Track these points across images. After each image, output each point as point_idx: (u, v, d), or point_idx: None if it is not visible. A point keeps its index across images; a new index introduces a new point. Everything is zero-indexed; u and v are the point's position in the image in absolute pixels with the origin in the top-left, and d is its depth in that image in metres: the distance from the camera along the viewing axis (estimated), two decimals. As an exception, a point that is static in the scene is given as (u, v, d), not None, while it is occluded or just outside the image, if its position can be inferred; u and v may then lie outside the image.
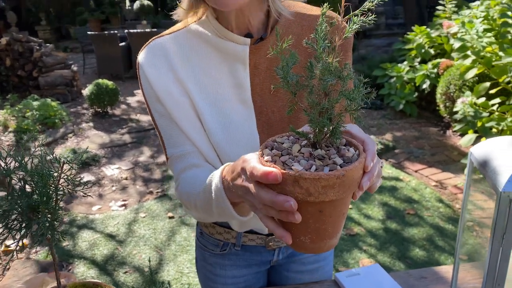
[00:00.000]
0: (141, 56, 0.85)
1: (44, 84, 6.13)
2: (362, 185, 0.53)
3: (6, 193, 0.65)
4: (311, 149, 0.55)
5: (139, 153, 4.30)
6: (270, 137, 0.61)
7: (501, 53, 3.41)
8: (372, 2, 0.59)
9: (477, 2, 4.47)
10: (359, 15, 0.58)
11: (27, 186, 0.63)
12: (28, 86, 6.53)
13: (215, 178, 0.69)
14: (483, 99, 3.53)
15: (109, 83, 5.30)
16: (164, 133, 0.86)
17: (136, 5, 8.03)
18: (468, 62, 3.68)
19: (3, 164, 0.65)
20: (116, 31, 7.57)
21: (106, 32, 7.53)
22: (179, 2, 0.83)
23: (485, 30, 3.76)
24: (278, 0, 0.81)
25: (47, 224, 0.65)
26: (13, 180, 0.66)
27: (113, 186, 3.59)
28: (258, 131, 0.85)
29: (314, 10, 0.88)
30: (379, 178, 0.60)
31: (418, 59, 5.00)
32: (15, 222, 0.65)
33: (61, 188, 0.69)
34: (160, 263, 2.53)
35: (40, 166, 0.66)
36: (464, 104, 3.55)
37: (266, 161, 0.53)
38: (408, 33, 5.30)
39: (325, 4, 0.59)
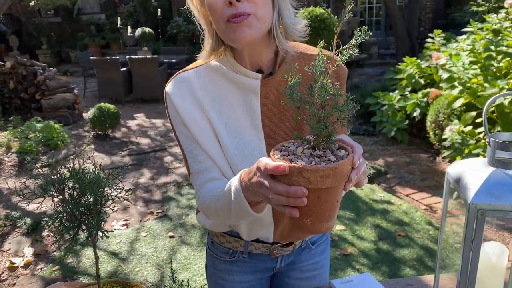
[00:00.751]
0: (168, 87, 1.01)
1: (47, 107, 6.28)
2: (351, 178, 0.69)
3: (61, 199, 0.78)
4: (311, 150, 0.72)
5: (139, 174, 4.42)
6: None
7: (486, 84, 3.63)
8: (357, 40, 0.77)
9: (464, 36, 4.72)
10: (347, 49, 0.76)
11: (74, 193, 0.75)
12: (30, 108, 6.67)
13: (234, 181, 0.84)
14: (470, 127, 3.73)
15: (111, 106, 5.46)
16: (187, 151, 1.01)
17: (138, 32, 8.29)
18: (455, 92, 3.89)
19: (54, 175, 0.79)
20: (118, 57, 7.78)
21: (108, 57, 7.74)
22: (202, 46, 1.00)
23: (471, 63, 3.99)
24: (284, 41, 0.97)
25: (95, 224, 0.78)
26: (66, 188, 0.79)
27: (114, 206, 3.70)
28: (267, 150, 1.00)
29: (313, 50, 1.05)
30: (365, 176, 0.77)
31: (409, 89, 5.22)
32: (67, 223, 0.77)
33: (106, 194, 0.83)
34: (161, 280, 2.63)
35: (90, 177, 0.79)
36: (452, 132, 3.74)
37: (277, 159, 0.69)
38: (399, 63, 5.55)
39: (321, 41, 0.77)
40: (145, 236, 3.17)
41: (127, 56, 7.59)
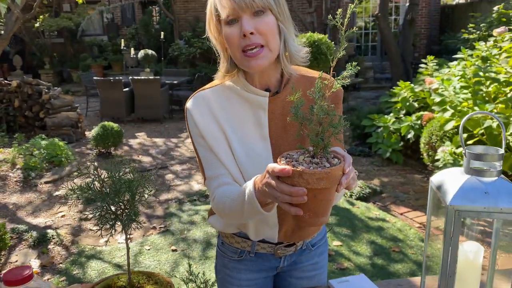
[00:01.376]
0: (189, 104, 1.17)
1: (51, 125, 6.43)
2: (342, 181, 0.85)
3: (101, 195, 0.92)
4: (310, 158, 0.88)
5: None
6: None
7: (476, 108, 3.81)
8: (348, 72, 0.94)
9: (455, 62, 4.95)
10: (341, 79, 0.93)
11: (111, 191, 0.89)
12: (34, 126, 6.82)
13: (249, 185, 0.98)
14: (461, 149, 3.89)
15: (114, 125, 5.62)
16: (203, 159, 1.16)
17: (141, 53, 8.53)
18: (447, 115, 4.07)
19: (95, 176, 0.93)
20: (121, 77, 7.99)
21: (111, 78, 7.94)
22: (218, 68, 1.17)
23: (462, 87, 4.19)
24: (289, 65, 1.14)
25: (131, 216, 0.92)
26: (104, 187, 0.93)
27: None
28: (273, 158, 1.15)
29: (313, 73, 1.21)
30: (354, 181, 0.92)
31: (403, 111, 5.42)
32: (107, 215, 0.91)
33: (139, 192, 0.97)
34: (165, 291, 2.73)
35: (127, 177, 0.93)
36: (444, 153, 3.91)
37: (282, 164, 0.85)
38: (394, 87, 5.77)
39: (321, 72, 0.94)
40: (149, 249, 3.27)
41: (130, 77, 7.80)
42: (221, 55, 1.15)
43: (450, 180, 1.12)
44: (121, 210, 0.91)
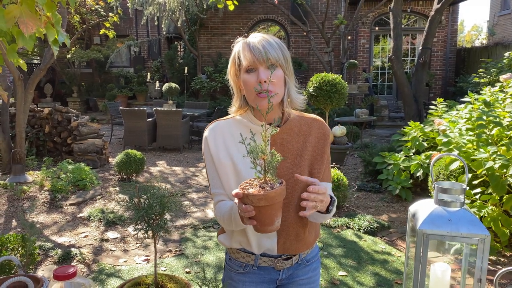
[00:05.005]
0: (207, 132, 1.46)
1: (77, 150, 6.82)
2: (302, 195, 1.18)
3: (137, 209, 1.17)
4: (261, 183, 1.15)
5: (159, 216, 4.79)
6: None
7: (481, 149, 3.99)
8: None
9: (463, 105, 5.16)
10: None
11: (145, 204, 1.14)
12: (61, 151, 7.23)
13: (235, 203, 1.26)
14: (466, 188, 4.05)
15: (137, 153, 5.96)
16: (210, 179, 1.45)
17: (165, 86, 9.00)
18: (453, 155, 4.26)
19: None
20: (145, 108, 8.43)
21: (136, 108, 8.38)
22: (232, 103, 1.46)
23: (467, 129, 4.39)
24: (289, 107, 1.42)
25: (161, 224, 1.17)
26: (141, 200, 1.18)
27: (136, 243, 4.06)
28: None
29: (308, 115, 1.50)
30: (322, 203, 1.23)
31: (413, 150, 5.61)
32: (141, 225, 1.16)
33: (168, 205, 1.23)
34: (178, 309, 2.93)
35: (158, 193, 1.19)
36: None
37: (240, 187, 1.14)
38: (405, 127, 5.99)
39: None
40: (164, 270, 3.49)
41: (154, 108, 8.23)
42: (235, 94, 1.46)
43: (421, 209, 1.35)
44: (152, 220, 1.15)
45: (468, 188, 4.12)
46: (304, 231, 1.48)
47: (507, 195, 3.68)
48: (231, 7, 5.83)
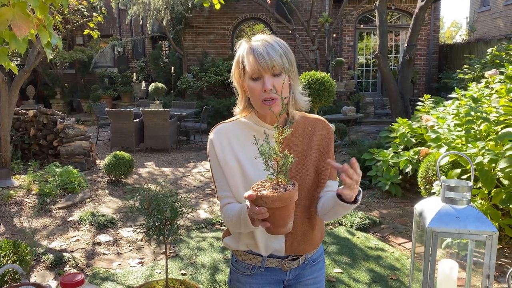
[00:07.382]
0: (212, 135, 1.45)
1: (64, 153, 6.71)
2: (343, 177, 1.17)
3: (147, 213, 1.15)
4: (273, 185, 1.14)
5: (151, 218, 4.75)
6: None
7: (469, 145, 4.06)
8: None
9: (450, 101, 5.25)
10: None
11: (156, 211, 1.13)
12: (47, 154, 7.10)
13: (244, 205, 1.25)
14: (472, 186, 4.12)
15: (126, 154, 5.89)
16: (217, 181, 1.44)
17: (152, 86, 8.92)
18: (442, 151, 4.33)
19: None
20: (131, 108, 8.34)
21: (122, 109, 8.29)
22: (236, 104, 1.45)
23: (456, 125, 4.46)
24: (294, 109, 1.42)
25: (172, 229, 1.15)
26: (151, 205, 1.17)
27: (129, 246, 4.01)
28: None
29: (312, 116, 1.50)
30: (357, 186, 1.21)
31: (402, 146, 5.68)
32: (152, 230, 1.14)
33: (179, 210, 1.22)
34: (176, 311, 2.91)
35: (169, 198, 1.18)
36: (439, 186, 4.13)
37: (252, 189, 1.13)
38: (393, 123, 6.05)
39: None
40: (160, 273, 3.46)
41: (141, 109, 8.15)
42: (239, 94, 1.45)
43: (429, 207, 1.37)
44: (162, 225, 1.14)
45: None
46: (311, 231, 1.48)
47: (495, 189, 3.75)
48: (217, 6, 5.79)
